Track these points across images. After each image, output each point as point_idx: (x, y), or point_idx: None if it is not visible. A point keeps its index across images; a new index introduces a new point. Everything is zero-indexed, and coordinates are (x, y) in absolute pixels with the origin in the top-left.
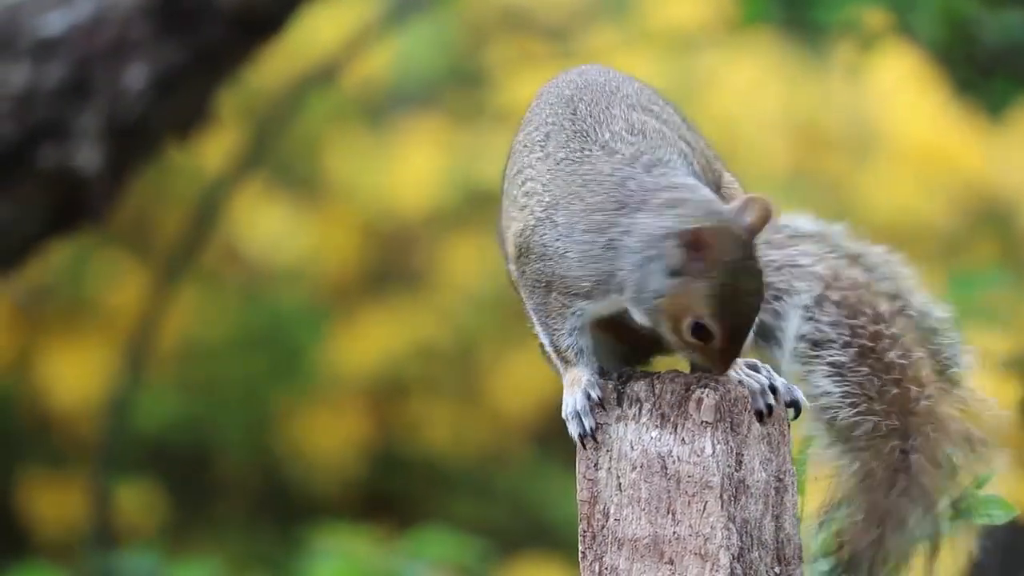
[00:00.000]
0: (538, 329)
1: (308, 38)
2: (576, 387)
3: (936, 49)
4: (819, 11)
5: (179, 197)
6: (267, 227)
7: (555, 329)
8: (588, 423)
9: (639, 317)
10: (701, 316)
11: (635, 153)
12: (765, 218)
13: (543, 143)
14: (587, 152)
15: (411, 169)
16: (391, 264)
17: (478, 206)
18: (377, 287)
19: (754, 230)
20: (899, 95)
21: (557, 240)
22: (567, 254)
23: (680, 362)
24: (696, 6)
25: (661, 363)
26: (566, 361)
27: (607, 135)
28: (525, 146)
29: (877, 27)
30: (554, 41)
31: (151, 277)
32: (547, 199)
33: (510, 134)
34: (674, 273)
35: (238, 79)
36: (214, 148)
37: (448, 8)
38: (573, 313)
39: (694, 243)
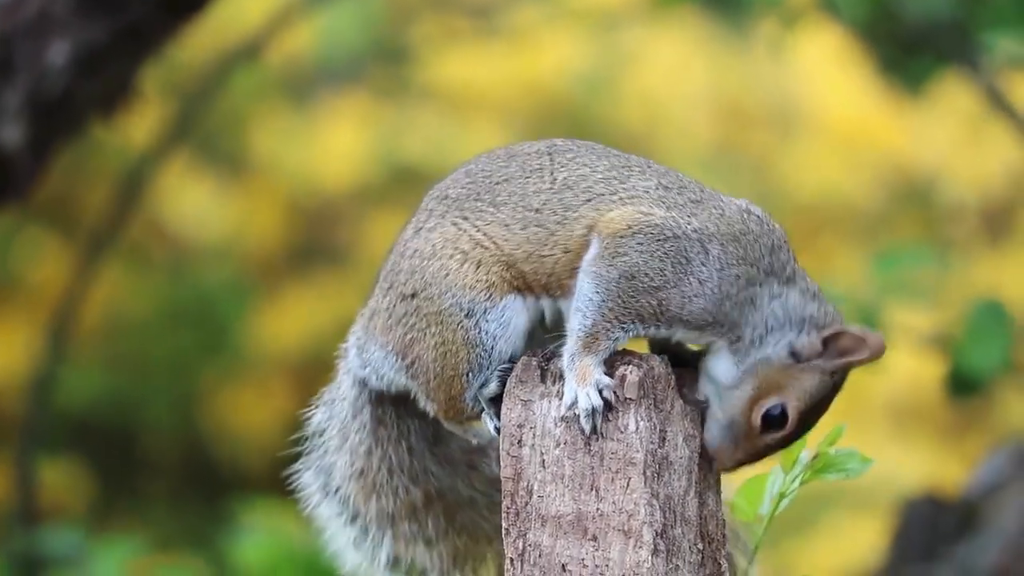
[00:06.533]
0: (586, 306)
1: (233, 14)
2: (588, 384)
3: (859, 27)
4: None
5: (104, 173)
6: (192, 203)
7: (616, 318)
8: (599, 421)
9: (723, 366)
10: (789, 402)
11: (747, 206)
12: (871, 360)
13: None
14: (700, 192)
15: (335, 145)
16: (315, 240)
17: (402, 183)
18: (301, 263)
19: (853, 365)
20: (822, 73)
21: (703, 265)
22: (706, 283)
23: None
24: None
25: None
26: (589, 348)
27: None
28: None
29: (800, 4)
30: (478, 18)
31: (76, 254)
32: (696, 224)
33: (434, 111)
34: (794, 355)
35: (163, 55)
36: (139, 124)
37: None
38: (651, 325)
39: (834, 340)
